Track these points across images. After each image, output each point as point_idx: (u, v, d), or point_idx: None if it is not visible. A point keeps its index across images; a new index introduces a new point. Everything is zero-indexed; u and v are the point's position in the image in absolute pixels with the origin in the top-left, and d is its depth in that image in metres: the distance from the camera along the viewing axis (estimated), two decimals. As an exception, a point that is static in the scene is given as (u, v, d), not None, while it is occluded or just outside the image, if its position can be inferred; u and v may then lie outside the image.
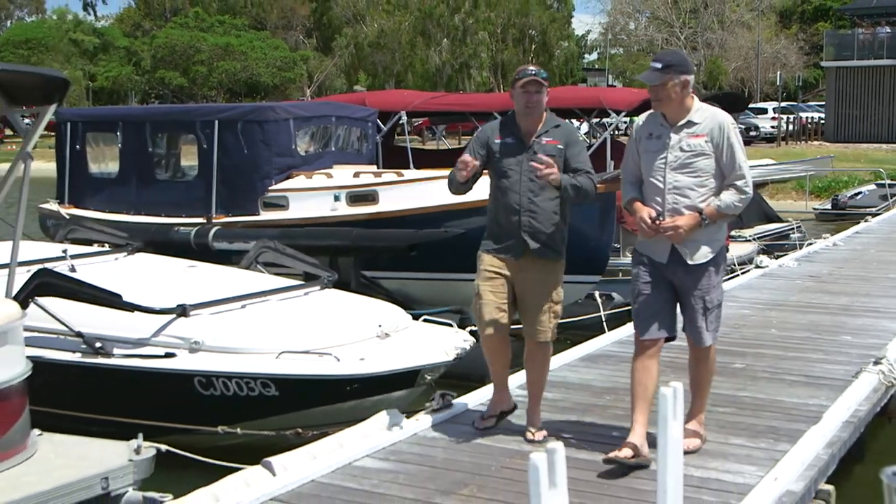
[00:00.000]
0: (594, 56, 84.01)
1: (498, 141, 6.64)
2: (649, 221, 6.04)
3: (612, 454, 5.99)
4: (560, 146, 6.56)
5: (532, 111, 6.55)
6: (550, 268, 6.64)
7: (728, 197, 6.04)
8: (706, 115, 6.12)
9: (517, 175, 6.54)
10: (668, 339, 6.33)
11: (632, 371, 6.32)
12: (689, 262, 6.10)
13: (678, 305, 6.31)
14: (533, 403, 6.85)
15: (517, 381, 7.33)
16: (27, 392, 6.42)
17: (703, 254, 6.10)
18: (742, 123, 37.14)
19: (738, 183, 6.05)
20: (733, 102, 22.95)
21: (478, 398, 7.63)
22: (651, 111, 6.30)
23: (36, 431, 6.56)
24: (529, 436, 6.69)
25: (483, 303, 6.58)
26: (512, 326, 6.69)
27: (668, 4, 69.91)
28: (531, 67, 6.69)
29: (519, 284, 6.62)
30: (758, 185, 21.97)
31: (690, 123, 6.08)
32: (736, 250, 15.50)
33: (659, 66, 6.06)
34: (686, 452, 5.30)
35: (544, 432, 6.72)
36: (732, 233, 16.48)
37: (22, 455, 6.29)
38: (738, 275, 14.00)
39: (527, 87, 6.52)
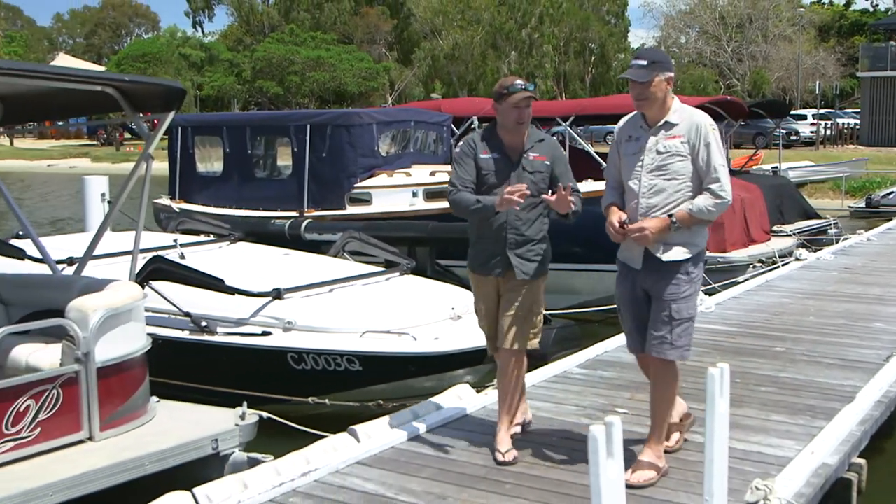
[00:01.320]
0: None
1: (485, 156, 5.80)
2: (616, 225, 5.32)
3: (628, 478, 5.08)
4: (547, 162, 5.83)
5: (521, 127, 5.79)
6: (533, 285, 5.85)
7: (701, 201, 5.22)
8: (684, 116, 5.35)
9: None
10: None
11: (643, 370, 5.80)
12: (661, 258, 5.29)
13: None
14: (504, 421, 5.97)
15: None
16: (147, 364, 6.55)
17: (676, 253, 5.29)
18: (783, 128, 36.60)
19: (713, 187, 5.22)
20: (776, 109, 22.76)
21: (540, 376, 7.62)
22: (632, 114, 5.55)
23: (154, 398, 6.68)
24: (499, 456, 5.79)
25: (487, 324, 6.03)
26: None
27: (716, 20, 69.12)
28: (519, 81, 5.85)
29: (503, 297, 5.89)
30: (798, 185, 21.71)
31: (668, 125, 5.33)
32: (777, 244, 15.31)
33: (644, 62, 5.32)
34: (633, 487, 5.10)
35: (514, 452, 5.81)
36: (775, 228, 16.26)
37: (143, 418, 6.43)
38: (778, 266, 13.83)
39: (520, 103, 5.73)
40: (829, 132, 49.16)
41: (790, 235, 16.43)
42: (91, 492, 5.52)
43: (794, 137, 47.12)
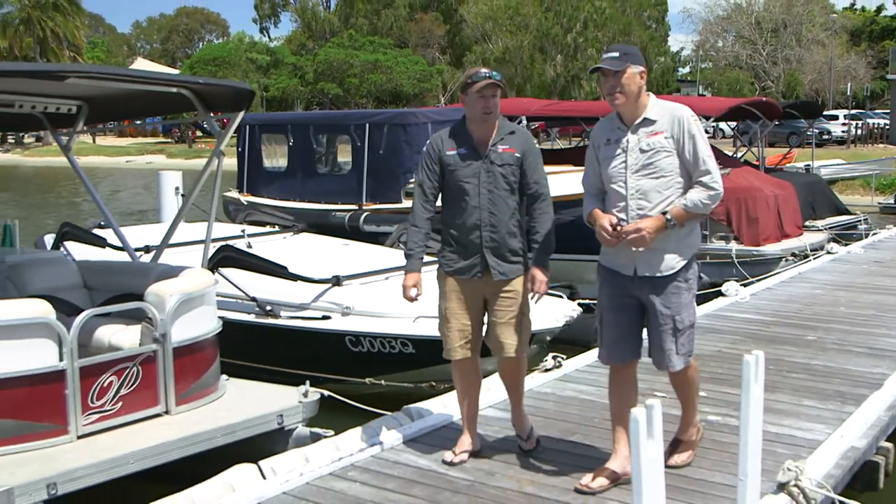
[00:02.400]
0: (687, 70, 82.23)
1: (451, 153, 5.28)
2: (609, 229, 4.74)
3: (584, 483, 4.96)
4: (517, 154, 5.25)
5: (489, 117, 5.21)
6: (518, 280, 5.33)
7: (694, 195, 4.72)
8: (663, 112, 4.80)
9: (475, 188, 5.22)
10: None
11: (609, 394, 5.18)
12: (657, 275, 4.79)
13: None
14: (517, 413, 5.67)
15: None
16: (218, 344, 6.62)
17: (670, 264, 4.78)
18: (816, 128, 36.08)
19: (705, 179, 4.71)
20: (809, 110, 22.45)
21: (584, 360, 7.60)
22: (607, 116, 5.02)
23: (224, 377, 6.76)
24: (522, 444, 5.62)
25: (449, 327, 5.37)
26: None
27: (752, 25, 68.27)
28: (483, 70, 5.30)
29: (487, 302, 5.36)
30: (829, 182, 21.37)
31: (647, 121, 4.79)
32: (809, 238, 15.12)
33: (616, 54, 4.77)
34: (672, 467, 4.97)
35: (535, 439, 5.66)
36: (807, 223, 16.05)
37: (214, 395, 6.51)
38: (810, 260, 13.67)
39: (483, 91, 5.17)
40: (859, 132, 48.32)
41: (822, 230, 16.22)
42: (167, 461, 5.61)
43: (826, 137, 46.40)
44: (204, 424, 5.95)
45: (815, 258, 13.83)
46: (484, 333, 5.46)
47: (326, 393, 6.63)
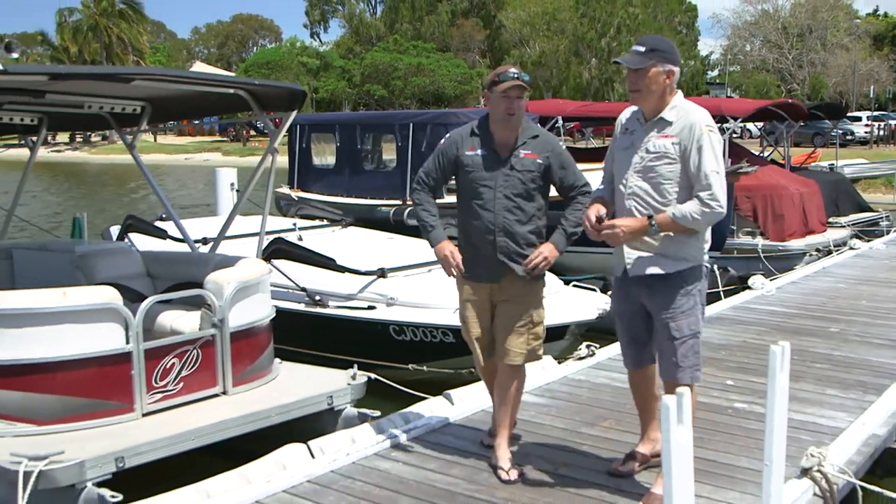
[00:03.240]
0: (716, 73, 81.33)
1: (471, 153, 4.85)
2: (593, 220, 4.36)
3: (615, 466, 4.89)
4: (539, 161, 4.82)
5: (511, 119, 4.77)
6: (531, 288, 4.92)
7: (686, 207, 4.19)
8: (681, 114, 4.30)
9: (491, 192, 4.79)
10: None
11: (630, 388, 4.93)
12: (644, 274, 4.37)
13: None
14: (502, 437, 5.05)
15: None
16: (272, 330, 6.68)
17: (656, 268, 4.34)
18: (840, 129, 35.52)
19: (703, 195, 4.16)
20: (833, 111, 22.14)
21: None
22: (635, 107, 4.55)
23: (277, 360, 6.81)
24: (503, 474, 4.89)
25: (470, 336, 5.04)
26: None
27: (779, 30, 67.53)
28: (513, 69, 4.84)
29: (498, 306, 4.97)
30: (852, 181, 21.06)
31: (663, 122, 4.33)
32: (833, 234, 14.97)
33: (642, 49, 4.28)
34: None
35: (517, 470, 4.95)
36: (830, 219, 15.86)
37: (268, 377, 6.57)
38: (834, 255, 13.52)
39: (508, 92, 4.74)
40: (882, 133, 47.66)
41: (845, 227, 16.03)
42: (225, 438, 5.67)
43: (849, 137, 45.69)
44: (260, 404, 6.00)
45: (838, 253, 13.69)
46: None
47: (373, 376, 6.66)
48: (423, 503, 4.63)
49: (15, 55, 6.51)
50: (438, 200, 5.08)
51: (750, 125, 38.24)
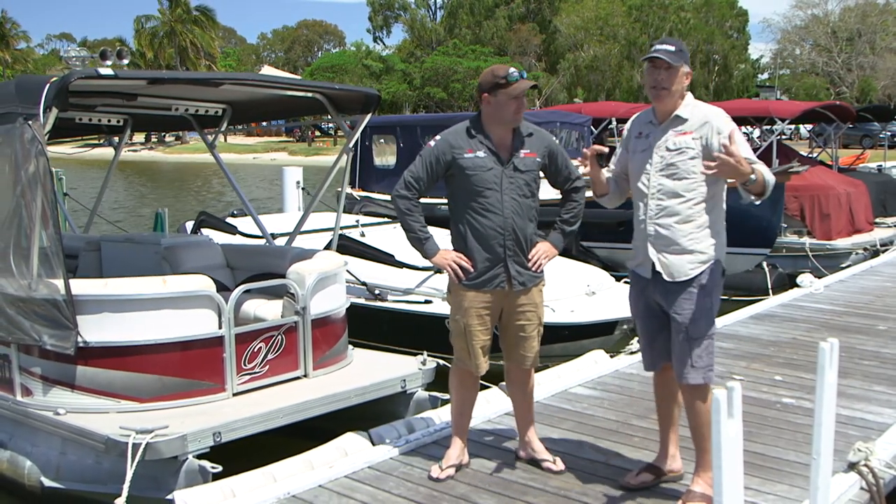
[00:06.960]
0: (766, 76, 79.94)
1: (469, 155, 4.53)
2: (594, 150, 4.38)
3: (628, 479, 4.68)
4: (538, 159, 4.61)
5: (518, 119, 4.58)
6: (538, 290, 4.77)
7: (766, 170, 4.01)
8: (696, 112, 4.22)
9: (497, 195, 4.51)
10: None
11: (654, 394, 4.74)
12: (668, 280, 4.23)
13: None
14: (532, 433, 5.04)
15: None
16: (346, 318, 6.86)
17: (684, 269, 4.19)
18: (888, 131, 34.75)
19: (758, 166, 4.02)
20: (882, 114, 21.70)
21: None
22: (643, 111, 4.48)
23: (350, 346, 6.96)
24: (551, 465, 4.87)
25: (473, 345, 4.66)
26: None
27: (829, 34, 66.12)
28: (513, 69, 4.57)
29: (505, 313, 4.72)
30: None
31: (679, 119, 4.21)
32: (880, 234, 14.75)
33: (672, 48, 4.16)
34: None
35: (560, 460, 4.92)
36: (878, 219, 15.56)
37: (344, 362, 6.74)
38: (881, 254, 13.33)
39: (521, 96, 4.54)
40: (931, 134, 46.48)
41: (892, 227, 15.74)
42: (309, 417, 5.84)
43: (897, 139, 44.73)
44: (339, 386, 6.17)
45: (885, 252, 13.44)
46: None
47: (441, 362, 6.72)
48: (479, 490, 4.66)
49: (125, 61, 6.72)
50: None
51: (801, 127, 37.60)
